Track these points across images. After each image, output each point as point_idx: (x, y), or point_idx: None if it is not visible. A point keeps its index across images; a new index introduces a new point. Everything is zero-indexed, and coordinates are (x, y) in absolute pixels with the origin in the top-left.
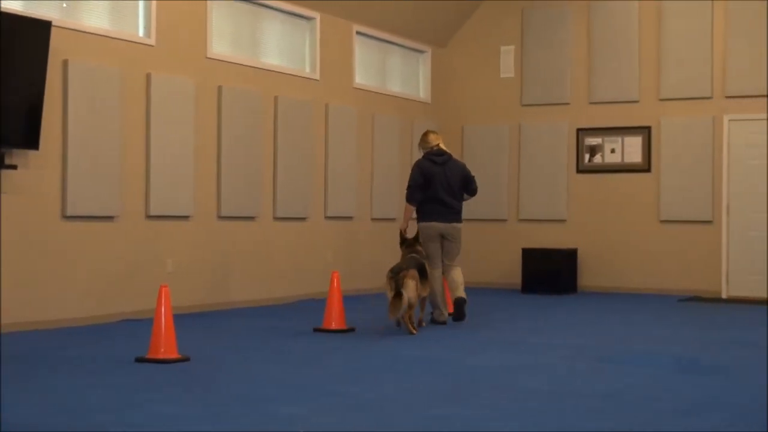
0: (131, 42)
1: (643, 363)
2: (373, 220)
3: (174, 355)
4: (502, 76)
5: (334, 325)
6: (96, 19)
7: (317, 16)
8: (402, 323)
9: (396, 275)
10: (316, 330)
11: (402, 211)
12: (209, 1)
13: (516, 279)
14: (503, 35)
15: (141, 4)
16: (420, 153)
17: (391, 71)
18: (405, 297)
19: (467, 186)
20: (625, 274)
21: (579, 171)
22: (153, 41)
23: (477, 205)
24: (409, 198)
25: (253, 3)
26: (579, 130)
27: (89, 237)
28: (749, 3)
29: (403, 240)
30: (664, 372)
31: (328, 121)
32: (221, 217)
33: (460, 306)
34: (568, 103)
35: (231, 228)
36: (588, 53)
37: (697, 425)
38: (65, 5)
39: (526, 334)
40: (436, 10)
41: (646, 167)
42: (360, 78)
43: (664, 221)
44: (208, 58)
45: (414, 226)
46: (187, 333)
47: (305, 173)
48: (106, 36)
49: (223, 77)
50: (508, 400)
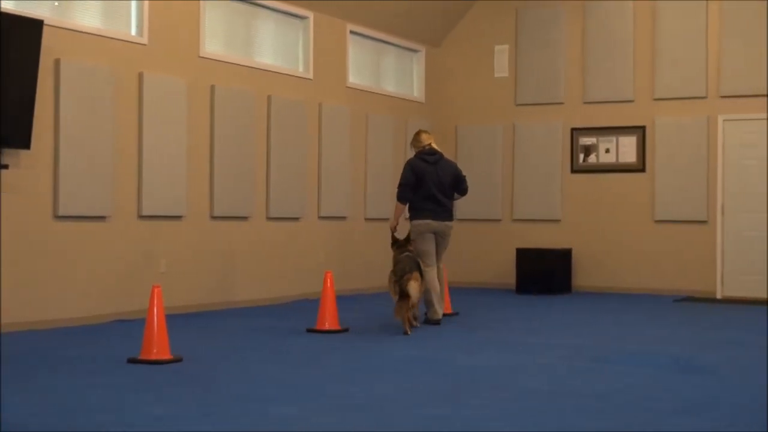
0: (124, 41)
1: (639, 363)
2: (367, 220)
3: (167, 356)
4: (496, 75)
5: (327, 326)
6: (88, 18)
7: (310, 15)
8: (404, 322)
9: (400, 279)
10: (309, 330)
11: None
12: (202, 1)
13: (510, 279)
14: (497, 35)
15: (133, 3)
16: (412, 152)
17: (385, 71)
18: (410, 297)
19: (458, 185)
20: (620, 274)
21: (573, 171)
22: (145, 40)
23: (471, 205)
24: (400, 196)
25: (246, 2)
26: (573, 129)
27: (81, 237)
28: (744, 3)
29: (395, 241)
30: (659, 372)
31: (321, 121)
32: (214, 217)
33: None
34: (562, 103)
35: (224, 228)
36: (582, 52)
37: (694, 425)
38: (57, 4)
39: (521, 334)
40: (430, 9)
41: (640, 167)
42: (353, 77)
43: (658, 221)
44: (200, 57)
45: (403, 226)
46: (180, 333)
47: (298, 173)
48: (98, 35)
49: (216, 77)
50: (504, 400)
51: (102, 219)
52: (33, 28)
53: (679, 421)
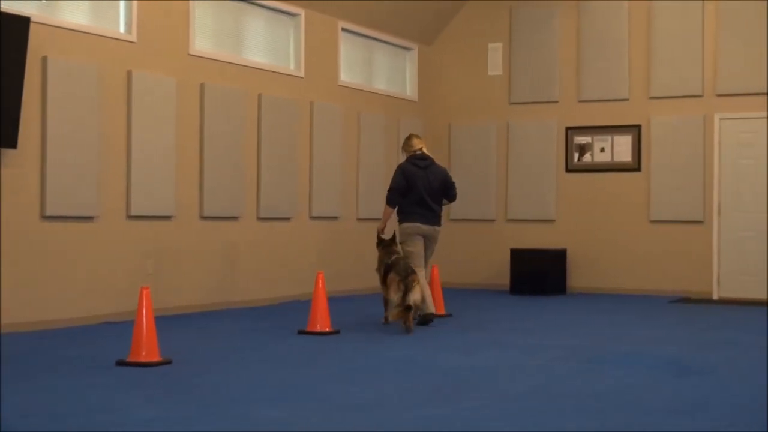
0: (112, 38)
1: (635, 364)
2: (359, 220)
3: (156, 358)
4: (489, 73)
5: (319, 327)
6: (76, 15)
7: (302, 12)
8: (404, 324)
9: (405, 278)
10: (300, 332)
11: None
12: None
13: (504, 280)
14: (491, 32)
15: (122, 0)
16: (403, 156)
17: (377, 69)
18: (413, 300)
19: (447, 192)
20: (615, 275)
21: (568, 170)
22: (134, 38)
23: (464, 205)
24: (390, 200)
25: None
26: (568, 128)
27: (69, 238)
28: (741, 2)
29: (380, 241)
30: (656, 372)
31: (312, 120)
32: (204, 218)
33: (429, 319)
34: (556, 101)
35: (214, 228)
36: (577, 50)
37: (692, 425)
38: (44, 1)
39: (515, 335)
40: (423, 6)
41: (636, 166)
42: (345, 75)
43: (654, 221)
44: (190, 55)
45: (389, 226)
46: (169, 335)
47: (289, 172)
48: (86, 32)
49: (206, 75)
50: (499, 401)
51: (90, 219)
52: (20, 25)
53: (677, 422)
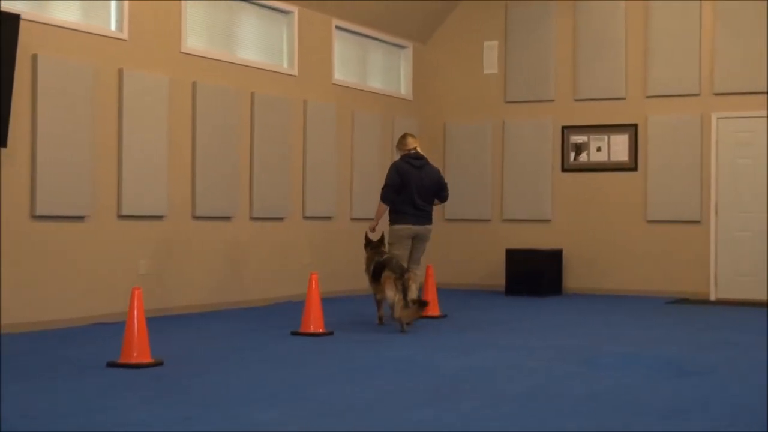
0: (103, 36)
1: (632, 364)
2: (353, 220)
3: (147, 360)
4: (485, 72)
5: (312, 329)
6: (66, 13)
7: (295, 9)
8: (400, 323)
9: (401, 276)
10: (294, 333)
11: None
12: None
13: (499, 280)
14: (486, 30)
15: None
16: (397, 155)
17: (372, 67)
18: (410, 298)
19: (439, 192)
20: (611, 275)
21: (564, 170)
22: (125, 36)
23: (460, 205)
24: (384, 197)
25: None
26: (564, 127)
27: (60, 238)
28: (738, 1)
29: (368, 242)
30: (653, 373)
31: (306, 119)
32: (196, 218)
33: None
34: (552, 100)
35: (206, 228)
36: (573, 48)
37: (690, 426)
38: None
39: (511, 335)
40: (417, 4)
41: (632, 166)
42: (339, 74)
43: (651, 221)
44: (182, 53)
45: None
46: (161, 336)
47: (283, 172)
48: (76, 30)
49: (198, 73)
50: (494, 402)
51: (81, 219)
52: (9, 22)
53: (677, 422)
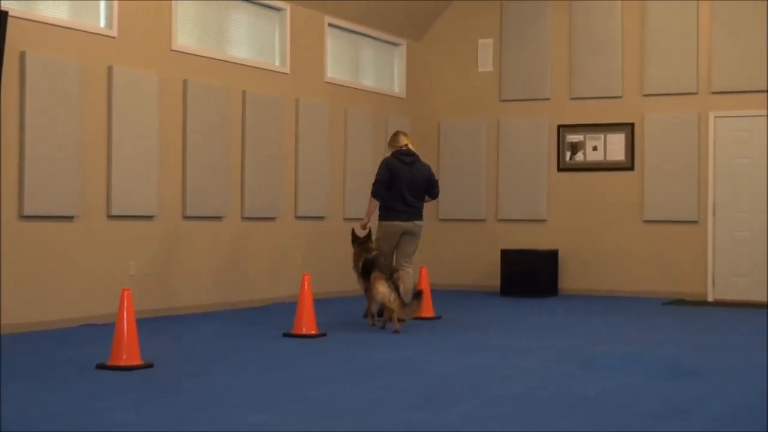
0: (92, 33)
1: (629, 365)
2: (346, 219)
3: (137, 362)
4: (480, 70)
5: (304, 330)
6: (55, 10)
7: (287, 6)
8: (392, 322)
9: (391, 276)
10: (285, 335)
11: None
12: None
13: (495, 281)
14: (481, 28)
15: None
16: (389, 152)
17: (365, 65)
18: (401, 297)
19: (430, 189)
20: (608, 276)
21: (560, 169)
22: (115, 33)
23: (454, 205)
24: (375, 193)
25: None
26: (560, 126)
27: (48, 238)
28: (736, 1)
29: (355, 238)
30: (650, 374)
31: (298, 117)
32: (187, 218)
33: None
34: (548, 99)
35: (197, 229)
36: (569, 46)
37: (689, 426)
38: None
39: (507, 336)
40: (411, 1)
41: (629, 165)
42: (332, 72)
43: (647, 221)
44: (172, 50)
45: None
46: (151, 338)
47: (275, 171)
48: (65, 27)
49: (189, 71)
50: (491, 403)
51: (69, 219)
52: None
53: (676, 423)
